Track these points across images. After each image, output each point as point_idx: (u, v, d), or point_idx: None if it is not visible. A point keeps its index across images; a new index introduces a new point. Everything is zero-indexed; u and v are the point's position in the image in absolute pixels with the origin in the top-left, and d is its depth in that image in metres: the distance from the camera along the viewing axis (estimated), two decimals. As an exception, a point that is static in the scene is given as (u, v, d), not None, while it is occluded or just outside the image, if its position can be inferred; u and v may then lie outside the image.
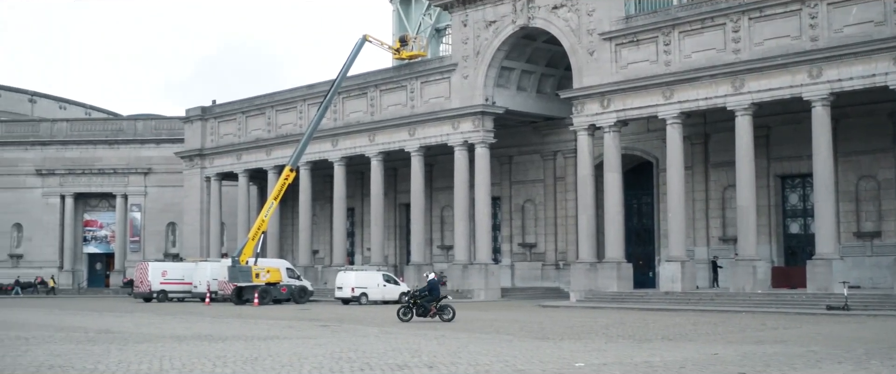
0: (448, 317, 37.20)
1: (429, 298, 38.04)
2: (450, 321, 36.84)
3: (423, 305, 37.86)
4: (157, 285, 66.20)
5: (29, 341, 27.33)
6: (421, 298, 38.20)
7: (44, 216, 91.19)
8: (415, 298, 38.55)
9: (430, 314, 37.64)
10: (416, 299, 38.34)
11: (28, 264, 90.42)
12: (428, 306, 37.78)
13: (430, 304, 37.82)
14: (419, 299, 38.15)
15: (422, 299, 38.07)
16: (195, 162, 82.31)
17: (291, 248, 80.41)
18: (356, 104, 70.67)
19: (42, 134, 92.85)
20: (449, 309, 37.67)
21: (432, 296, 38.17)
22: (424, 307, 37.84)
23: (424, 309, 37.89)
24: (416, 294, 38.96)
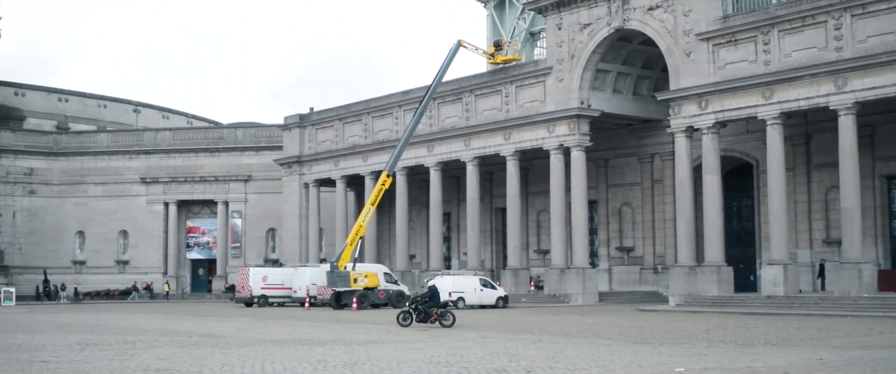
0: (448, 323, 37.60)
1: (430, 304, 38.40)
2: (450, 327, 37.18)
3: (424, 310, 38.18)
4: (258, 290, 67.26)
5: (135, 345, 28.01)
6: (422, 304, 38.55)
7: (148, 223, 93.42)
8: (416, 303, 38.91)
9: (430, 319, 37.90)
10: (418, 304, 38.68)
11: (134, 270, 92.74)
12: (429, 312, 38.10)
13: (432, 310, 38.18)
14: (421, 305, 38.49)
15: (423, 305, 38.42)
16: (294, 169, 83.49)
17: (389, 253, 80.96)
18: (451, 109, 70.89)
19: (146, 143, 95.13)
20: (449, 315, 38.15)
21: (433, 302, 38.58)
22: (426, 313, 38.14)
23: (426, 315, 38.19)
24: (417, 300, 39.28)
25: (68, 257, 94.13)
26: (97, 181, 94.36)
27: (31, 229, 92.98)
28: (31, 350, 25.95)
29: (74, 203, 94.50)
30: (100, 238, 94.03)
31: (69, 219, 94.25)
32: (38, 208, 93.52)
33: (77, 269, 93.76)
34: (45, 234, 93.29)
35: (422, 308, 38.27)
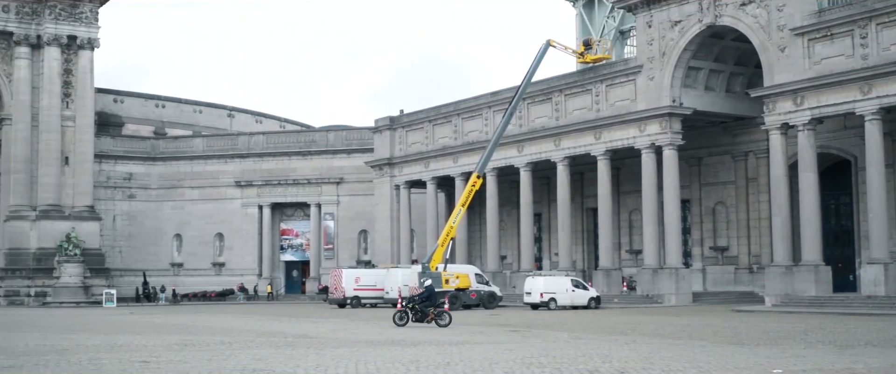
0: (444, 323, 37.67)
1: (427, 303, 38.59)
2: (446, 326, 37.20)
3: (421, 310, 38.39)
4: (351, 292, 67.90)
5: (232, 345, 28.51)
6: (420, 303, 38.73)
7: (243, 226, 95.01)
8: (414, 303, 39.08)
9: (427, 319, 38.06)
10: (415, 304, 38.88)
11: (229, 272, 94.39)
12: (426, 312, 38.25)
13: (429, 309, 38.33)
14: (418, 305, 38.68)
15: (420, 305, 38.61)
16: (385, 171, 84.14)
17: (479, 254, 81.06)
18: (541, 109, 70.71)
19: (240, 147, 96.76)
20: (445, 315, 38.25)
21: (430, 302, 38.74)
22: (423, 312, 38.31)
23: (423, 314, 38.35)
24: (415, 299, 39.44)
25: (166, 259, 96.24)
26: (193, 185, 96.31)
27: (131, 233, 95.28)
28: (132, 351, 26.60)
29: (172, 207, 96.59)
30: (196, 241, 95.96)
31: (167, 222, 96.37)
32: (137, 211, 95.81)
33: (175, 271, 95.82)
34: (144, 237, 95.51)
35: (419, 308, 38.64)
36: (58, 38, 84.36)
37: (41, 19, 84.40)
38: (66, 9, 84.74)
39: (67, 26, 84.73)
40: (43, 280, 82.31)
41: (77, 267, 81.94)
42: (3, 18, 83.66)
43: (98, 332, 36.20)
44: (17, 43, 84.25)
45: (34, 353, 25.91)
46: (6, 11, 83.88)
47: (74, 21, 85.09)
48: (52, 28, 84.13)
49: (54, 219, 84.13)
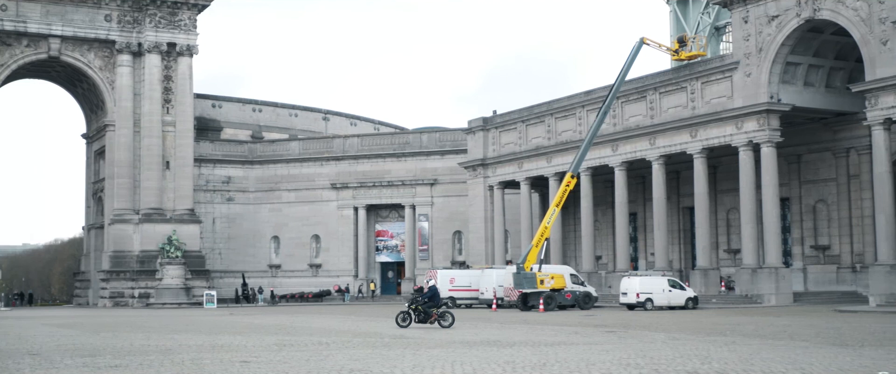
0: (447, 324, 37.34)
1: (430, 304, 38.18)
2: (448, 327, 36.88)
3: (425, 311, 37.95)
4: (446, 292, 68.08)
5: (330, 346, 28.83)
6: (423, 304, 38.29)
7: (339, 228, 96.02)
8: (417, 304, 38.56)
9: (430, 320, 37.67)
10: (418, 305, 38.39)
11: (326, 273, 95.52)
12: (429, 313, 37.86)
13: (432, 310, 37.94)
14: (421, 306, 38.23)
15: (423, 306, 38.18)
16: (478, 172, 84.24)
17: (574, 254, 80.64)
18: (635, 108, 70.05)
19: (335, 150, 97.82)
20: (448, 316, 37.89)
21: (433, 302, 38.34)
22: (426, 313, 37.89)
23: (426, 315, 37.93)
24: (418, 300, 38.92)
25: (264, 261, 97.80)
26: (290, 188, 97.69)
27: (230, 235, 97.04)
28: (232, 351, 27.09)
29: (269, 209, 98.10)
30: (293, 243, 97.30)
31: (265, 225, 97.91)
32: (235, 214, 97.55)
33: (273, 273, 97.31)
34: (243, 239, 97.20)
35: (422, 309, 38.29)
36: (158, 45, 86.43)
37: (142, 28, 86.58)
38: (165, 17, 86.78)
39: (167, 34, 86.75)
40: (146, 282, 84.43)
41: (179, 269, 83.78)
42: (106, 27, 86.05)
43: (199, 332, 36.94)
44: (119, 51, 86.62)
45: (139, 353, 26.56)
46: (108, 21, 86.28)
47: (174, 28, 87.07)
48: (153, 36, 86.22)
49: (156, 222, 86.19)
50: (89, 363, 23.68)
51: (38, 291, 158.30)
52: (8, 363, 23.67)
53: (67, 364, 23.32)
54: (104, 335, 35.07)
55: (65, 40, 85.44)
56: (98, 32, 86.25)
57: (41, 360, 24.53)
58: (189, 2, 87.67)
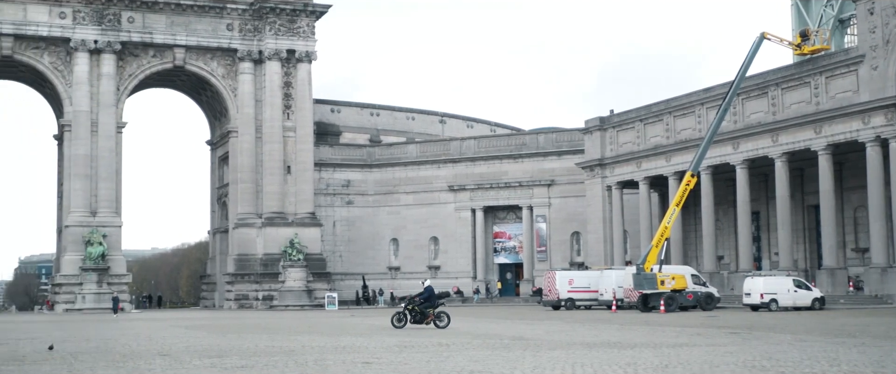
0: (443, 324, 36.78)
1: (426, 304, 37.68)
2: (444, 328, 36.29)
3: (421, 311, 37.43)
4: (565, 294, 67.81)
5: (450, 347, 28.97)
6: (419, 304, 37.75)
7: (457, 229, 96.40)
8: (413, 304, 38.03)
9: (426, 320, 37.14)
10: (415, 305, 37.85)
11: (444, 275, 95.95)
12: (426, 313, 37.34)
13: (429, 310, 37.40)
14: (418, 306, 37.69)
15: (420, 306, 37.63)
16: (596, 172, 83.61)
17: (695, 254, 79.37)
18: (757, 104, 68.60)
19: (452, 152, 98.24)
20: (444, 316, 37.31)
21: (430, 303, 37.81)
22: (422, 313, 37.37)
23: (422, 315, 37.40)
24: (415, 301, 38.35)
25: (384, 263, 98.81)
26: (408, 190, 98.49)
27: (350, 238, 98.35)
28: (354, 352, 27.45)
29: (388, 212, 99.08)
30: (412, 245, 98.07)
31: (384, 227, 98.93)
32: (355, 217, 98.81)
33: (392, 275, 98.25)
34: (363, 242, 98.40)
35: (419, 309, 37.88)
36: (278, 52, 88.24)
37: (262, 36, 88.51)
38: (284, 24, 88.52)
39: (286, 41, 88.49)
40: (269, 284, 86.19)
41: (300, 272, 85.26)
42: (228, 36, 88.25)
43: (322, 334, 37.53)
44: (240, 59, 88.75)
45: (264, 354, 27.12)
46: (230, 30, 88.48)
47: (293, 36, 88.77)
48: (273, 43, 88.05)
49: (278, 226, 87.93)
50: (217, 363, 24.29)
51: (167, 293, 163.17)
52: (140, 364, 24.45)
53: (196, 365, 23.96)
54: (230, 337, 35.91)
55: (189, 50, 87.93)
56: (220, 41, 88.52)
57: (171, 361, 25.26)
58: (307, 9, 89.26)
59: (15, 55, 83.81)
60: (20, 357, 27.39)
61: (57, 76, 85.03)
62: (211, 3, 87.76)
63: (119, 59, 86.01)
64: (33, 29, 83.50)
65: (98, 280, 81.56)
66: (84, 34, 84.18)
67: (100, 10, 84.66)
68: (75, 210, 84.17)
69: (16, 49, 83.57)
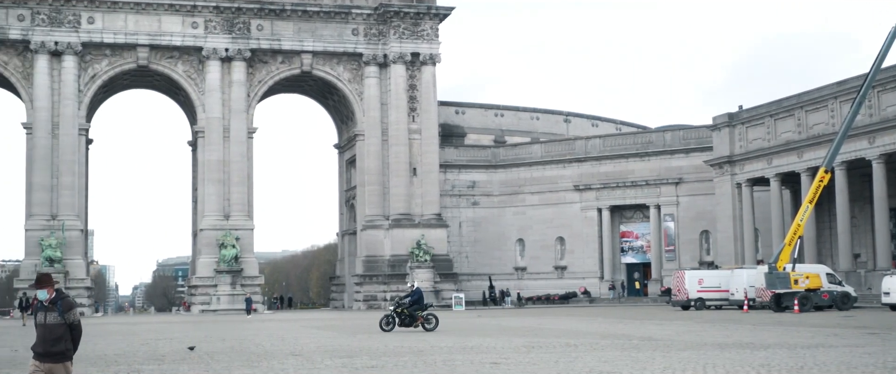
0: (431, 327, 35.97)
1: (416, 307, 36.72)
2: (432, 330, 35.50)
3: (410, 314, 36.42)
4: (694, 293, 66.73)
5: (578, 347, 28.85)
6: (408, 307, 36.73)
7: (583, 229, 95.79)
8: (402, 307, 36.88)
9: (415, 323, 36.20)
10: (404, 308, 36.75)
11: (571, 276, 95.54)
12: (415, 316, 36.32)
13: (418, 313, 36.39)
14: (407, 309, 36.64)
15: (409, 309, 36.60)
16: (725, 169, 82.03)
17: (830, 252, 77.09)
18: (893, 97, 66.28)
19: (577, 151, 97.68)
20: (432, 318, 36.53)
21: (419, 305, 36.84)
22: (412, 316, 36.35)
23: (411, 318, 36.34)
24: (403, 303, 37.18)
25: (510, 263, 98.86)
26: (533, 190, 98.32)
27: (476, 239, 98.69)
28: (482, 352, 27.57)
29: (513, 212, 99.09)
30: (538, 245, 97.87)
31: (509, 227, 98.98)
32: (480, 218, 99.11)
33: (518, 275, 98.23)
34: (488, 242, 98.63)
35: (408, 312, 36.84)
36: (402, 56, 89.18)
37: (386, 39, 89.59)
38: (409, 28, 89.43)
39: (411, 44, 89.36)
40: (397, 285, 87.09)
41: (428, 272, 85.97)
42: (353, 41, 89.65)
43: (450, 334, 37.79)
44: (366, 63, 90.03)
45: (393, 354, 27.46)
46: (355, 35, 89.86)
47: (417, 39, 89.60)
48: (397, 47, 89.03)
49: (405, 227, 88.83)
50: (347, 363, 24.71)
51: (297, 294, 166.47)
52: (274, 364, 25.04)
53: (327, 365, 24.42)
54: (360, 337, 36.46)
55: (316, 56, 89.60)
56: (346, 46, 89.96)
57: (303, 361, 25.80)
58: (430, 11, 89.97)
59: (151, 65, 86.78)
60: (160, 357, 28.36)
61: (190, 84, 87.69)
62: (336, 8, 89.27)
63: (249, 67, 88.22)
64: (167, 39, 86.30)
65: (232, 282, 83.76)
66: (215, 43, 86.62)
67: (230, 19, 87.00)
68: (209, 214, 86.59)
69: (151, 59, 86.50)
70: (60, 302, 14.82)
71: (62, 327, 14.68)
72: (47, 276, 15.16)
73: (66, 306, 14.76)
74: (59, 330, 14.65)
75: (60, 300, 14.85)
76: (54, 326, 14.68)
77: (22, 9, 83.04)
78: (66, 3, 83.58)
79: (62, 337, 14.66)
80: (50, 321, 14.73)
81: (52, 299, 14.87)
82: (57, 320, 14.71)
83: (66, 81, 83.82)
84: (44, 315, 14.81)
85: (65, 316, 14.75)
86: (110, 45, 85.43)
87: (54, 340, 14.60)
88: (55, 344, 14.61)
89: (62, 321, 14.72)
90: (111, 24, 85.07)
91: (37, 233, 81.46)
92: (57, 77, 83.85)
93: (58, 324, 14.69)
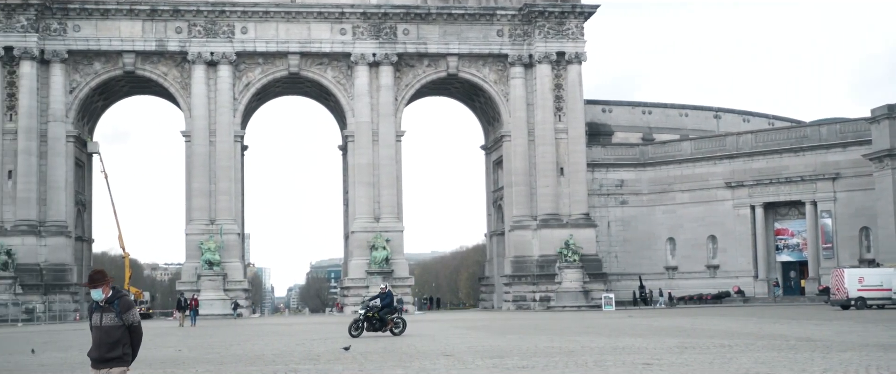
0: (398, 331, 34.40)
1: (386, 310, 34.74)
2: (399, 334, 34.03)
3: (381, 318, 34.47)
4: (855, 292, 64.49)
5: (732, 348, 28.27)
6: (379, 310, 34.69)
7: (736, 227, 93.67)
8: (373, 310, 34.70)
9: (386, 327, 34.39)
10: (376, 312, 34.59)
11: (724, 275, 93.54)
12: (386, 320, 34.43)
13: (388, 317, 34.54)
14: (378, 313, 34.57)
15: (380, 313, 34.56)
16: (885, 163, 78.96)
17: None
18: None
19: (728, 148, 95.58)
20: (400, 322, 34.95)
21: (390, 308, 34.90)
22: (382, 320, 34.43)
23: (382, 322, 34.35)
24: (374, 306, 35.01)
25: (660, 263, 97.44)
26: (683, 188, 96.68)
27: (625, 238, 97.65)
28: (633, 353, 27.30)
29: (663, 211, 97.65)
30: (689, 244, 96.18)
31: (659, 226, 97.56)
32: (629, 217, 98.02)
33: (669, 274, 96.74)
34: (638, 242, 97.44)
35: (379, 316, 34.80)
36: (547, 55, 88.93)
37: (531, 39, 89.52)
38: (553, 27, 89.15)
39: (555, 44, 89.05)
40: (546, 286, 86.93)
41: (576, 273, 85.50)
42: (498, 42, 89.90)
43: (600, 334, 37.53)
44: (511, 64, 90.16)
45: (544, 354, 27.44)
46: (500, 36, 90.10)
47: (562, 38, 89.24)
48: (542, 47, 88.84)
49: (553, 227, 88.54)
50: (498, 363, 24.81)
51: (446, 295, 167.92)
52: (425, 364, 25.34)
53: (478, 365, 24.58)
54: (510, 338, 36.55)
55: (461, 58, 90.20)
56: (491, 48, 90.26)
57: (455, 361, 26.03)
58: (575, 10, 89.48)
59: (301, 72, 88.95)
60: (315, 356, 29.03)
61: (339, 90, 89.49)
62: (481, 10, 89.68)
63: (396, 71, 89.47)
64: (317, 46, 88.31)
65: (383, 283, 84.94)
66: (363, 48, 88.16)
67: (377, 24, 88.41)
68: (360, 217, 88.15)
69: (302, 66, 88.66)
70: (117, 302, 13.64)
71: (120, 329, 13.49)
72: (101, 272, 13.89)
73: (123, 306, 13.58)
74: (117, 333, 13.45)
75: (117, 299, 13.66)
76: (111, 328, 13.47)
77: (179, 21, 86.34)
78: (221, 14, 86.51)
79: (120, 341, 13.44)
80: (106, 323, 13.51)
81: (108, 299, 13.63)
82: (114, 321, 13.49)
83: (222, 90, 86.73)
84: (100, 317, 13.57)
85: (122, 317, 13.52)
86: (263, 53, 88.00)
87: (111, 344, 13.39)
88: (112, 349, 13.39)
89: (120, 322, 13.50)
90: (263, 34, 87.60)
91: (196, 237, 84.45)
92: (213, 86, 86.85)
93: (115, 326, 13.48)
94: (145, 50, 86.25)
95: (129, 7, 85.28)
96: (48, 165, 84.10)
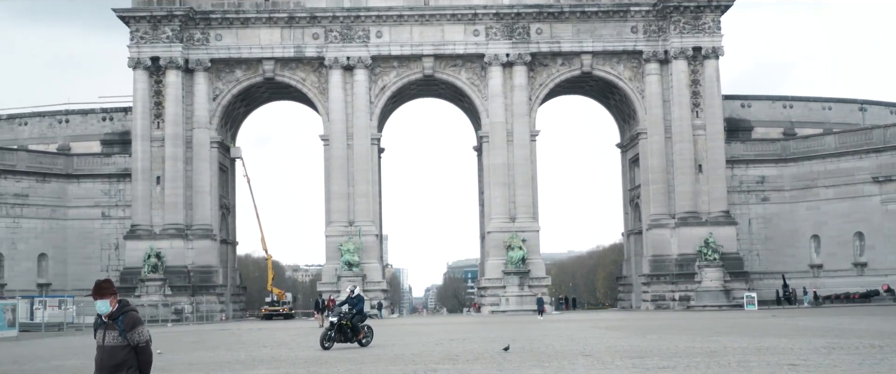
0: (366, 342, 31.62)
1: (359, 317, 31.75)
2: (367, 345, 31.37)
3: (353, 326, 31.27)
4: None
5: (883, 349, 27.39)
6: (351, 318, 31.46)
7: (884, 223, 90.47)
8: (347, 318, 31.36)
9: (358, 337, 31.38)
10: (349, 320, 31.34)
11: (872, 273, 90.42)
12: (358, 328, 31.35)
13: (361, 325, 31.64)
14: (350, 320, 31.33)
15: (352, 320, 31.39)
16: None
17: None
18: None
19: (875, 141, 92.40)
20: (368, 330, 32.16)
21: (362, 316, 32.05)
22: (354, 328, 31.26)
23: (354, 330, 31.26)
24: (347, 314, 31.54)
25: (804, 261, 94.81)
26: (827, 184, 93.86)
27: (766, 236, 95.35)
28: (778, 353, 26.69)
29: (806, 207, 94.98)
30: (834, 241, 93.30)
31: (802, 223, 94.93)
32: (771, 214, 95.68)
33: (814, 273, 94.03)
34: (780, 239, 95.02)
35: (351, 323, 31.44)
36: (683, 51, 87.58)
37: (667, 35, 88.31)
38: (689, 22, 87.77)
39: (691, 39, 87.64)
40: (685, 285, 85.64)
41: (717, 271, 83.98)
42: (633, 39, 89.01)
43: (743, 335, 36.78)
44: (646, 61, 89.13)
45: (684, 355, 27.07)
46: (634, 32, 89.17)
47: (698, 33, 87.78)
48: (678, 42, 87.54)
49: (692, 225, 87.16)
50: (638, 364, 24.59)
51: (583, 295, 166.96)
52: (564, 364, 25.30)
53: (617, 365, 24.41)
54: (650, 338, 36.15)
55: (595, 56, 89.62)
56: (625, 45, 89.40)
57: (593, 361, 25.91)
58: (711, 4, 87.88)
59: (435, 74, 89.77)
60: (454, 356, 29.26)
61: (473, 91, 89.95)
62: (615, 7, 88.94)
63: (529, 70, 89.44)
64: (451, 48, 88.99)
65: (519, 283, 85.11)
66: (496, 49, 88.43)
67: (510, 24, 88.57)
68: (495, 217, 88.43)
69: (436, 68, 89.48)
70: (122, 318, 11.66)
71: (124, 349, 11.59)
72: (108, 281, 11.96)
73: (129, 323, 11.61)
74: (121, 354, 11.54)
75: (122, 315, 11.68)
76: (114, 348, 11.58)
77: (316, 28, 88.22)
78: (357, 19, 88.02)
79: (124, 363, 11.51)
80: (109, 342, 11.62)
81: (112, 314, 11.72)
82: (118, 341, 11.59)
83: (359, 94, 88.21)
84: (103, 334, 11.70)
85: (127, 336, 11.59)
86: (397, 56, 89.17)
87: (115, 366, 11.48)
88: (116, 371, 11.49)
89: (125, 342, 11.59)
90: (397, 37, 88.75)
91: (336, 239, 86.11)
92: (350, 90, 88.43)
93: (119, 346, 11.59)
94: (284, 56, 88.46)
95: (267, 15, 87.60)
96: (194, 170, 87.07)
